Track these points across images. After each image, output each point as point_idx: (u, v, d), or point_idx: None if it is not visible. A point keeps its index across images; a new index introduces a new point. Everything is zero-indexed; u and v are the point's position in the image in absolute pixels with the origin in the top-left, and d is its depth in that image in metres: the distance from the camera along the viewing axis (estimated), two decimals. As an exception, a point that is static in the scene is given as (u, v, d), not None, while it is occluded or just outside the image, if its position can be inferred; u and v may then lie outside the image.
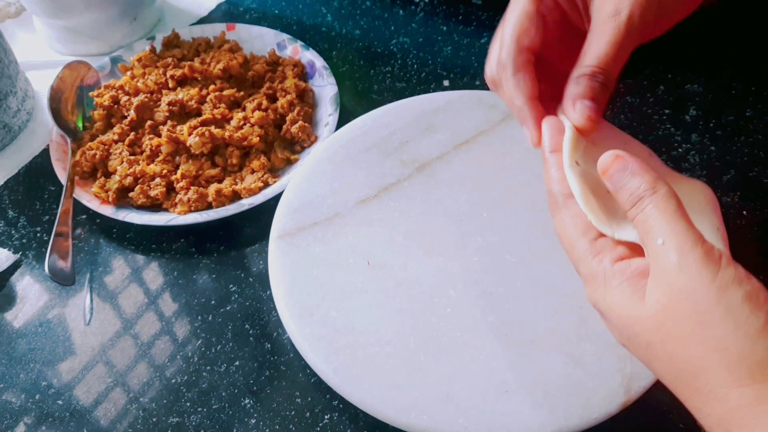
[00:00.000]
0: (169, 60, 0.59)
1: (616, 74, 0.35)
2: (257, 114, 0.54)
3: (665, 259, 0.29)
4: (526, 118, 0.36)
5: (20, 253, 0.52)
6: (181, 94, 0.56)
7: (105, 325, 0.47)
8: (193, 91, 0.56)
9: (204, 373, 0.44)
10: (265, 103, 0.56)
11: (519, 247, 0.45)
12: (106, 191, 0.51)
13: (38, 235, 0.53)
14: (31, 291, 0.50)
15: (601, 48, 0.34)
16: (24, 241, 0.52)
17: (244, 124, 0.54)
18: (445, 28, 0.67)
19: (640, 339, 0.30)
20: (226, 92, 0.56)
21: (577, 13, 0.38)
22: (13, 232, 0.53)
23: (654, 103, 0.59)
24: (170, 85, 0.57)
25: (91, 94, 0.58)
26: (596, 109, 0.34)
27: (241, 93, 0.57)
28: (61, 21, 0.63)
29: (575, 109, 0.34)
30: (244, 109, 0.56)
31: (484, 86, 0.61)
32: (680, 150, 0.55)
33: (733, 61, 0.61)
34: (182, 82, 0.58)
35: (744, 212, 0.51)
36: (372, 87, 0.62)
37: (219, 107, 0.55)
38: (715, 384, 0.27)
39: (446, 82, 0.62)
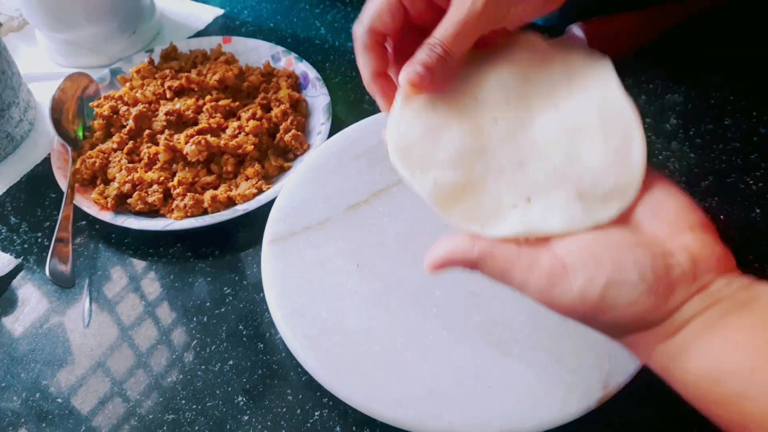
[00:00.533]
0: (167, 71, 0.61)
1: (458, 52, 0.37)
2: (252, 123, 0.56)
3: None
4: (373, 91, 0.40)
5: (22, 257, 0.53)
6: (179, 104, 0.58)
7: (104, 327, 0.49)
8: (190, 101, 0.58)
9: (199, 373, 0.46)
10: (259, 112, 0.58)
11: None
12: (105, 198, 0.53)
13: (39, 240, 0.54)
14: (32, 294, 0.51)
15: (448, 26, 0.36)
16: (26, 246, 0.54)
17: (239, 132, 0.56)
18: (434, 41, 0.69)
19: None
20: (221, 102, 0.58)
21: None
22: (15, 237, 0.55)
23: (636, 113, 0.60)
24: (168, 96, 0.59)
25: (91, 104, 0.60)
26: (423, 76, 0.36)
27: (237, 103, 0.59)
28: (63, 34, 0.65)
29: (404, 69, 0.37)
30: (239, 119, 0.58)
31: (471, 96, 0.63)
32: (661, 157, 0.57)
33: (712, 72, 0.63)
34: (179, 92, 0.60)
35: (722, 216, 0.53)
36: (364, 97, 0.64)
37: (215, 117, 0.57)
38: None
39: (435, 93, 0.64)
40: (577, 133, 0.35)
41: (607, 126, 0.35)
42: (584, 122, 0.35)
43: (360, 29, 0.39)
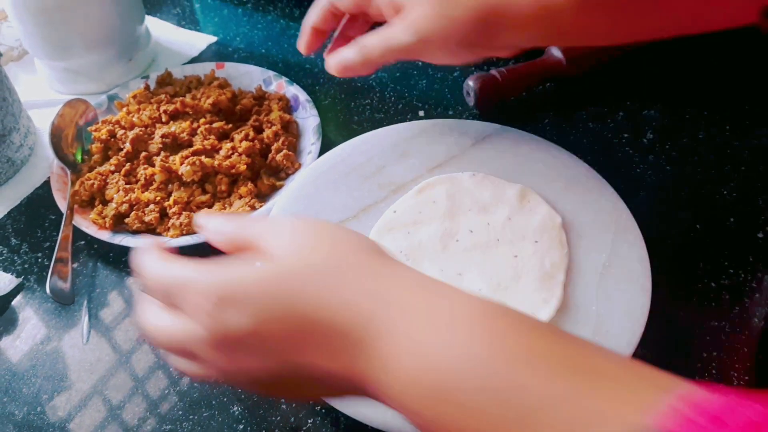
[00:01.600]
0: (163, 96, 0.64)
1: (379, 63, 0.49)
2: (244, 144, 0.58)
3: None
4: (304, 33, 0.53)
5: (22, 277, 0.55)
6: (174, 127, 0.60)
7: (103, 343, 0.50)
8: (185, 124, 0.60)
9: (195, 384, 0.47)
10: (252, 134, 0.60)
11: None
12: (104, 217, 0.55)
13: (39, 260, 0.56)
14: (33, 313, 0.53)
15: (378, 45, 0.47)
16: (26, 266, 0.56)
17: (232, 153, 0.58)
18: (420, 64, 0.71)
19: (279, 281, 0.30)
20: (215, 125, 0.60)
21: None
22: (15, 258, 0.56)
23: (614, 128, 0.63)
24: (163, 120, 0.61)
25: (89, 129, 0.62)
26: (345, 70, 0.50)
27: (230, 125, 0.61)
28: (62, 63, 0.68)
29: (334, 56, 0.50)
30: (232, 140, 0.60)
31: (457, 116, 0.65)
32: (638, 170, 0.59)
33: (686, 89, 0.66)
34: (174, 116, 0.62)
35: (697, 226, 0.55)
36: (353, 118, 0.66)
37: (209, 138, 0.59)
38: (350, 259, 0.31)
39: (421, 113, 0.66)
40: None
41: None
42: None
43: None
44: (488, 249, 0.50)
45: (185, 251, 0.55)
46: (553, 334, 0.29)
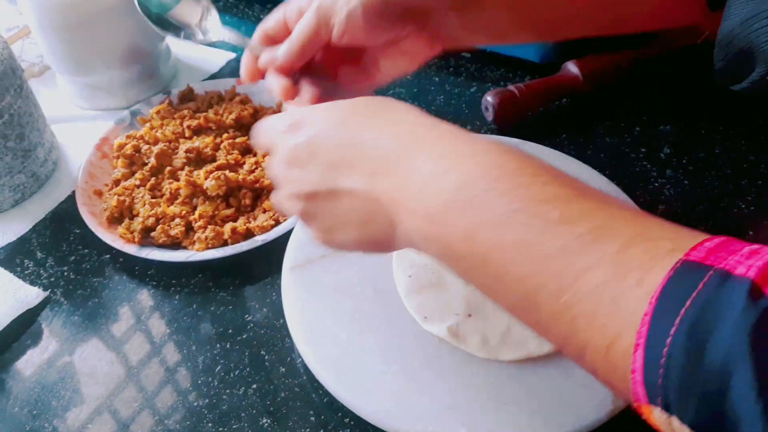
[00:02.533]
0: (185, 112, 0.65)
1: (297, 65, 0.46)
2: (268, 158, 0.59)
3: None
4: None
5: (49, 290, 0.55)
6: (198, 142, 0.61)
7: (131, 355, 0.51)
8: (208, 139, 0.61)
9: (224, 396, 0.48)
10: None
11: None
12: (132, 232, 0.56)
13: (65, 273, 0.57)
14: (59, 327, 0.53)
15: (285, 50, 0.45)
16: (52, 279, 0.56)
17: (256, 167, 0.59)
18: (437, 79, 0.72)
19: (339, 111, 0.37)
20: (238, 140, 0.61)
21: None
22: (41, 271, 0.57)
23: (631, 143, 0.64)
24: (187, 135, 0.62)
25: (114, 142, 0.63)
26: (283, 93, 0.47)
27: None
28: (84, 79, 0.69)
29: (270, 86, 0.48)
30: (255, 155, 0.61)
31: (475, 131, 0.66)
32: (656, 184, 0.60)
33: (700, 104, 0.67)
34: (198, 131, 0.63)
35: (716, 239, 0.55)
36: (372, 133, 0.67)
37: (232, 153, 0.60)
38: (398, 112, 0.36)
39: (440, 128, 0.67)
40: None
41: None
42: None
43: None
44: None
45: (210, 265, 0.56)
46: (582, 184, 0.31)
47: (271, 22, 0.47)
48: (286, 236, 0.55)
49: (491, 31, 0.48)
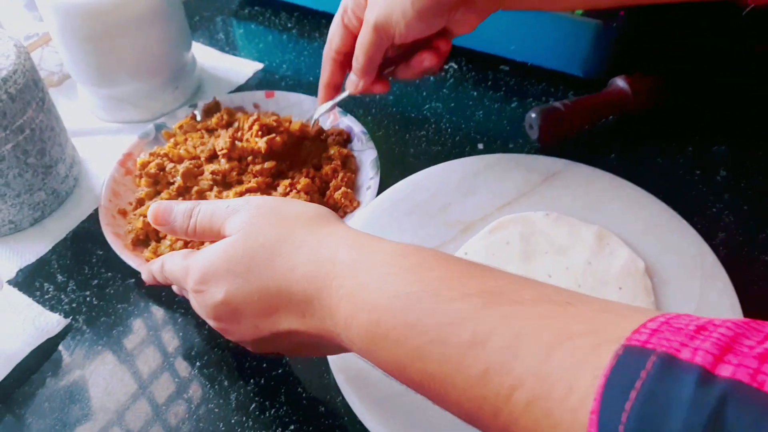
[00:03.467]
0: (211, 122, 0.62)
1: (371, 74, 0.53)
2: (303, 181, 0.56)
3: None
4: (320, 95, 0.58)
5: (71, 317, 0.52)
6: (224, 163, 0.57)
7: (158, 389, 0.48)
8: (234, 162, 0.58)
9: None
10: (311, 170, 0.57)
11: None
12: (158, 256, 0.52)
13: (88, 299, 0.53)
14: (81, 356, 0.50)
15: (355, 62, 0.53)
16: (74, 305, 0.53)
17: (290, 190, 0.56)
18: (475, 93, 0.69)
19: (236, 254, 0.36)
20: (266, 165, 0.57)
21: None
22: (62, 296, 0.54)
23: (684, 164, 0.60)
24: (204, 154, 0.59)
25: (138, 160, 0.60)
26: (355, 84, 0.55)
27: (285, 163, 0.58)
28: (107, 90, 0.66)
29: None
30: (292, 177, 0.57)
31: (517, 149, 0.63)
32: (714, 210, 0.57)
33: (755, 124, 0.64)
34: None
35: (782, 270, 0.52)
36: (408, 151, 0.64)
37: (257, 178, 0.56)
38: (299, 235, 0.36)
39: (480, 145, 0.64)
40: None
41: None
42: None
43: (324, 50, 0.56)
44: (569, 296, 0.47)
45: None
46: (491, 273, 0.31)
47: (336, 39, 0.54)
48: (322, 262, 0.51)
49: None
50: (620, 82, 0.63)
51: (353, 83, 0.54)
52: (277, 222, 0.37)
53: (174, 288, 0.47)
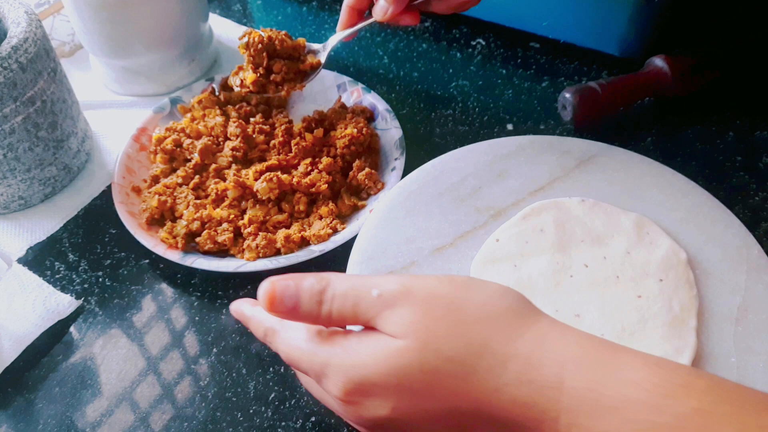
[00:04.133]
0: (233, 105, 0.59)
1: None
2: (325, 160, 0.53)
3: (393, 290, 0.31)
4: (341, 18, 0.55)
5: (82, 298, 0.50)
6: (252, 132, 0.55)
7: (171, 374, 0.46)
8: (261, 137, 0.55)
9: (279, 429, 0.42)
10: (333, 149, 0.55)
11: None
12: (174, 237, 0.50)
13: (101, 280, 0.51)
14: (93, 339, 0.48)
15: None
16: (86, 286, 0.51)
17: (312, 169, 0.53)
18: (504, 72, 0.66)
19: (412, 368, 0.29)
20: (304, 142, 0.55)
21: None
22: (74, 276, 0.52)
23: (724, 150, 0.57)
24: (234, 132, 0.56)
25: (153, 135, 0.57)
26: (383, 10, 0.51)
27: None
28: (121, 61, 0.63)
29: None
30: (314, 157, 0.55)
31: (549, 130, 0.60)
32: (757, 198, 0.54)
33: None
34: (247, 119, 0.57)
35: (830, 264, 0.49)
36: (434, 130, 0.61)
37: (289, 154, 0.54)
38: (499, 345, 0.28)
39: (510, 126, 0.61)
40: None
41: None
42: None
43: None
44: (607, 287, 0.44)
45: (262, 276, 0.50)
46: None
47: None
48: (343, 247, 0.49)
49: None
50: (659, 62, 0.60)
51: (382, 8, 0.50)
52: (461, 325, 0.29)
53: (257, 333, 0.38)
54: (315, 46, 0.57)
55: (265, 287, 0.33)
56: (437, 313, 0.30)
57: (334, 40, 0.56)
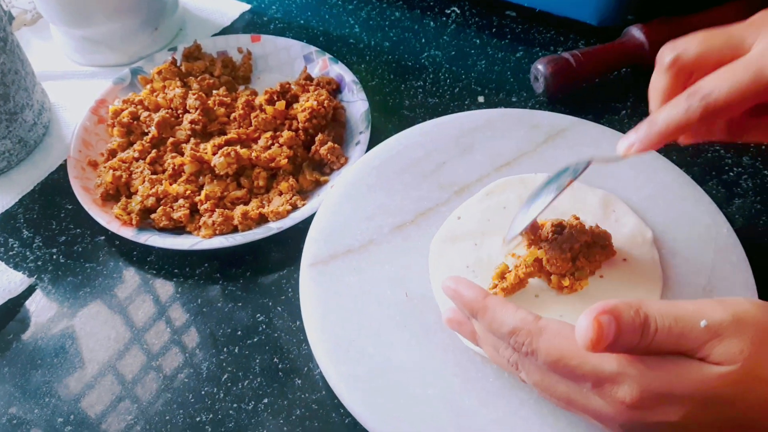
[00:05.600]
0: (192, 77, 0.57)
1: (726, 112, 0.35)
2: (286, 134, 0.51)
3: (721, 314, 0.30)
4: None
5: (35, 276, 0.49)
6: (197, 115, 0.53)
7: (124, 355, 0.45)
8: (222, 110, 0.53)
9: (231, 412, 0.41)
10: (295, 123, 0.53)
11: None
12: (129, 213, 0.49)
13: (54, 257, 0.50)
14: (46, 317, 0.47)
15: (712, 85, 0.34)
16: (39, 263, 0.50)
17: (272, 143, 0.51)
18: (478, 41, 0.64)
19: (725, 388, 0.29)
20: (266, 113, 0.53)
21: None
22: (28, 253, 0.50)
23: (701, 124, 0.55)
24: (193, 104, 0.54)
25: (110, 108, 0.55)
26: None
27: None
28: (80, 30, 0.61)
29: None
30: (275, 130, 0.53)
31: (521, 103, 0.58)
32: (731, 174, 0.52)
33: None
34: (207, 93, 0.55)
35: (803, 242, 0.48)
36: (403, 103, 0.59)
37: (249, 128, 0.52)
38: None
39: (481, 98, 0.59)
40: None
41: None
42: None
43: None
44: (569, 267, 0.43)
45: (218, 253, 0.49)
46: None
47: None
48: (303, 224, 0.48)
49: None
50: (636, 32, 0.57)
51: (627, 143, 0.38)
52: None
53: (480, 332, 0.36)
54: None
55: (586, 326, 0.30)
56: (765, 339, 0.30)
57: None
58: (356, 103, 0.56)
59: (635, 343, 0.30)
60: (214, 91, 0.56)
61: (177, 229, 0.49)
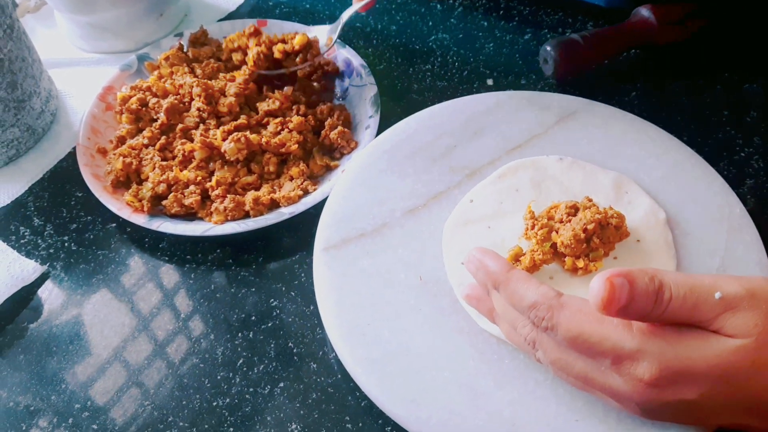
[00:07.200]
0: (200, 63, 0.57)
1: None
2: (296, 119, 0.51)
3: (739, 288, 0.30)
4: None
5: (47, 264, 0.49)
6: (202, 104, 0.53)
7: (139, 343, 0.45)
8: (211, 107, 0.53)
9: (247, 396, 0.42)
10: (303, 108, 0.53)
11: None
12: (140, 200, 0.49)
13: (66, 244, 0.50)
14: (59, 305, 0.47)
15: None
16: (51, 251, 0.50)
17: (282, 129, 0.51)
18: (485, 24, 0.63)
19: (743, 363, 0.30)
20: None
21: None
22: (39, 241, 0.50)
23: (711, 104, 0.55)
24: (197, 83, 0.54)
25: (118, 94, 0.55)
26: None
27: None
28: (85, 17, 0.60)
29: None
30: (284, 115, 0.53)
31: (530, 85, 0.58)
32: (742, 154, 0.52)
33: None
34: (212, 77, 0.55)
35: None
36: (412, 86, 0.59)
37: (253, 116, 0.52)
38: None
39: (490, 81, 0.59)
40: None
41: None
42: None
43: None
44: (583, 248, 0.43)
45: (230, 239, 0.49)
46: None
47: None
48: (314, 209, 0.48)
49: None
50: (645, 12, 0.57)
51: None
52: None
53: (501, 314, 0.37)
54: (321, 28, 0.55)
55: (599, 286, 0.30)
56: None
57: (347, 14, 0.53)
58: (365, 88, 0.55)
59: (649, 310, 0.30)
60: (221, 74, 0.56)
61: (188, 215, 0.49)
